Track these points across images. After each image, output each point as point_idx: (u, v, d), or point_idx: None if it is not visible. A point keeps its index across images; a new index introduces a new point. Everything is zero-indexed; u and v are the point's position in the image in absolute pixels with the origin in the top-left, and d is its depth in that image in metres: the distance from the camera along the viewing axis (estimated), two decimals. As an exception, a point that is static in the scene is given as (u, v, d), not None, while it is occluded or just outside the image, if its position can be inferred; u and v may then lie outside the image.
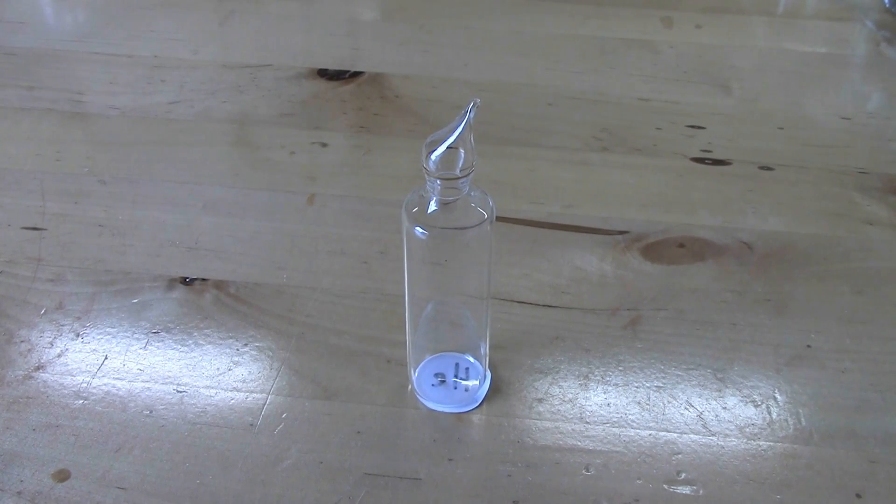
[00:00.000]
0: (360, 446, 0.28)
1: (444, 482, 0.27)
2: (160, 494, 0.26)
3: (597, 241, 0.37)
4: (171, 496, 0.26)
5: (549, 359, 0.31)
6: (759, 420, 0.29)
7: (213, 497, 0.26)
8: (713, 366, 0.31)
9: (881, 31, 0.57)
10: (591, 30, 0.56)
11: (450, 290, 0.28)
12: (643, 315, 0.33)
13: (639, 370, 0.31)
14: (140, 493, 0.26)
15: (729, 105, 0.48)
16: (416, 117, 0.46)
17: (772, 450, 0.28)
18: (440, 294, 0.28)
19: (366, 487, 0.26)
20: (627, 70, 0.51)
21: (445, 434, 0.28)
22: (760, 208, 0.39)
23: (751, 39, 0.56)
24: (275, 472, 0.27)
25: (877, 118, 0.47)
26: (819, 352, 0.32)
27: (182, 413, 0.29)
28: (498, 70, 0.51)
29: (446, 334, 0.29)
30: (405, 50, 0.53)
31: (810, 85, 0.51)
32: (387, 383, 0.30)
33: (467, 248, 0.26)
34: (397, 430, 0.28)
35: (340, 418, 0.29)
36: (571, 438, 0.28)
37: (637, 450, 0.28)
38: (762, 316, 0.33)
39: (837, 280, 0.35)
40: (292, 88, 0.48)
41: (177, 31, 0.54)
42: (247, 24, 0.56)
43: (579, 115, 0.46)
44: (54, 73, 0.49)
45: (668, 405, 0.29)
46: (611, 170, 0.42)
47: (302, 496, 0.26)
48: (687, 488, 0.27)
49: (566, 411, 0.29)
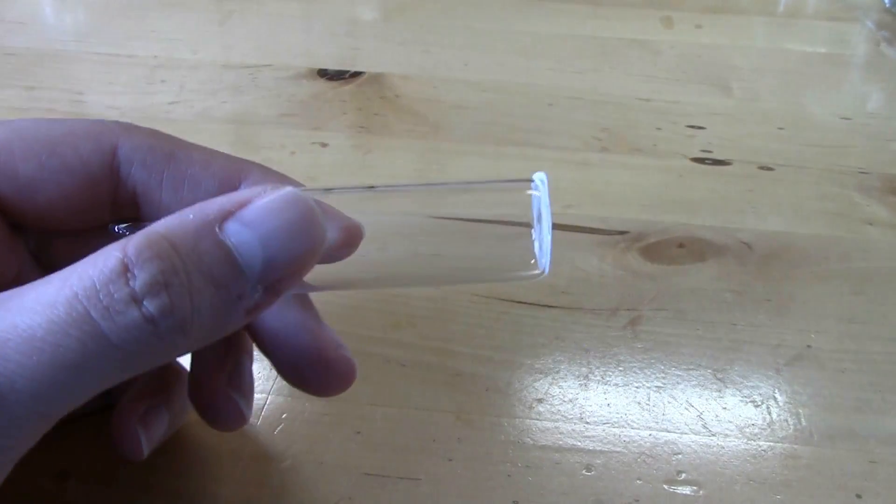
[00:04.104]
0: (360, 446, 0.28)
1: (443, 482, 0.27)
2: (159, 494, 0.26)
3: (597, 241, 0.37)
4: (171, 496, 0.26)
5: (548, 359, 0.31)
6: (759, 420, 0.29)
7: (212, 497, 0.26)
8: (713, 366, 0.31)
9: (881, 31, 0.57)
10: (591, 30, 0.56)
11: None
12: (643, 315, 0.33)
13: (639, 370, 0.31)
14: (138, 492, 0.26)
15: (729, 105, 0.48)
16: (416, 117, 0.46)
17: (772, 450, 0.28)
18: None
19: (366, 487, 0.26)
20: (627, 70, 0.51)
21: (445, 434, 0.28)
22: (760, 208, 0.39)
23: (751, 39, 0.56)
24: (275, 472, 0.27)
25: (877, 118, 0.47)
26: (819, 352, 0.32)
27: (182, 413, 0.29)
28: (498, 70, 0.51)
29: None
30: (405, 50, 0.53)
31: (810, 85, 0.51)
32: (387, 383, 0.30)
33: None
34: (397, 430, 0.28)
35: (340, 418, 0.29)
36: (571, 438, 0.28)
37: (637, 450, 0.28)
38: (762, 316, 0.33)
39: (837, 280, 0.35)
40: (292, 88, 0.48)
41: (177, 31, 0.54)
42: (247, 24, 0.56)
43: (579, 115, 0.47)
44: (54, 73, 0.49)
45: (668, 405, 0.29)
46: (611, 170, 0.42)
47: (302, 496, 0.26)
48: (687, 488, 0.27)
49: (566, 411, 0.29)
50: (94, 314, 0.16)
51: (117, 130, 0.22)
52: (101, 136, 0.22)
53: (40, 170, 0.21)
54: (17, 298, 0.17)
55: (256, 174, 0.23)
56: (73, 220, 0.22)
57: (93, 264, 0.17)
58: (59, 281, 0.17)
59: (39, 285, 0.17)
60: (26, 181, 0.21)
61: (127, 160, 0.22)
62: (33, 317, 0.16)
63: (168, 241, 0.17)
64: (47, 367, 0.16)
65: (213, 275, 0.17)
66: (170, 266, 0.17)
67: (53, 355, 0.16)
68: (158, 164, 0.22)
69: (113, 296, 0.16)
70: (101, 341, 0.16)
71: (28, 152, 0.21)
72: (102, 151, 0.22)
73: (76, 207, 0.22)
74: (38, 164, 0.21)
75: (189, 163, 0.22)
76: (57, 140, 0.21)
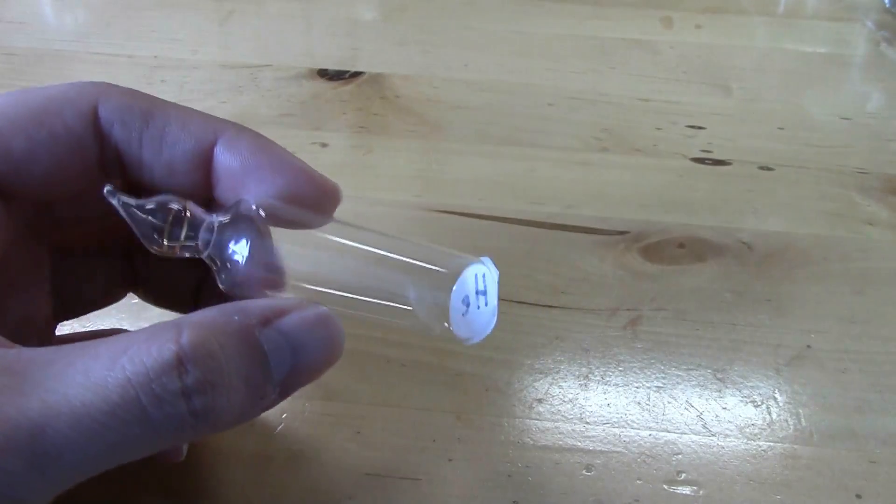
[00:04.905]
0: (360, 446, 0.28)
1: (444, 482, 0.27)
2: (159, 494, 0.26)
3: (597, 242, 0.37)
4: (171, 496, 0.26)
5: (548, 359, 0.31)
6: (759, 420, 0.29)
7: (212, 497, 0.26)
8: (713, 366, 0.31)
9: (881, 31, 0.57)
10: (591, 30, 0.56)
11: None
12: (643, 315, 0.33)
13: (639, 370, 0.31)
14: (138, 492, 0.26)
15: (729, 105, 0.48)
16: (416, 117, 0.46)
17: (772, 450, 0.28)
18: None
19: (366, 487, 0.26)
20: (627, 70, 0.51)
21: (445, 434, 0.28)
22: (760, 208, 0.39)
23: (751, 39, 0.56)
24: (275, 471, 0.27)
25: (877, 118, 0.47)
26: (819, 352, 0.32)
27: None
28: (498, 70, 0.51)
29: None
30: (405, 50, 0.53)
31: (810, 85, 0.51)
32: (387, 383, 0.30)
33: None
34: (397, 430, 0.28)
35: (340, 418, 0.29)
36: (571, 438, 0.28)
37: (637, 450, 0.28)
38: (762, 316, 0.33)
39: (837, 280, 0.35)
40: (292, 88, 0.48)
41: (177, 31, 0.54)
42: (247, 24, 0.56)
43: (579, 115, 0.46)
44: (54, 73, 0.49)
45: (668, 405, 0.29)
46: (611, 170, 0.42)
47: (302, 496, 0.26)
48: (687, 488, 0.27)
49: (566, 411, 0.29)
50: (145, 401, 0.17)
51: (94, 92, 0.22)
52: (79, 100, 0.22)
53: (30, 143, 0.21)
54: (61, 366, 0.17)
55: (231, 132, 0.23)
56: (67, 186, 0.22)
57: (147, 351, 0.17)
58: (108, 359, 0.17)
59: (85, 357, 0.17)
60: (20, 157, 0.21)
61: (107, 121, 0.22)
62: (85, 393, 0.16)
63: (217, 340, 0.18)
64: (94, 444, 0.17)
65: (248, 377, 0.18)
66: (218, 367, 0.18)
67: (101, 435, 0.17)
68: (137, 123, 0.22)
69: (166, 387, 0.17)
70: (145, 426, 0.17)
71: (15, 129, 0.21)
72: (84, 115, 0.22)
73: (69, 174, 0.22)
74: (27, 138, 0.21)
75: (166, 121, 0.22)
76: (39, 110, 0.21)
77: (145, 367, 0.17)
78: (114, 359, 0.17)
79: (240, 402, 0.18)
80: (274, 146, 0.23)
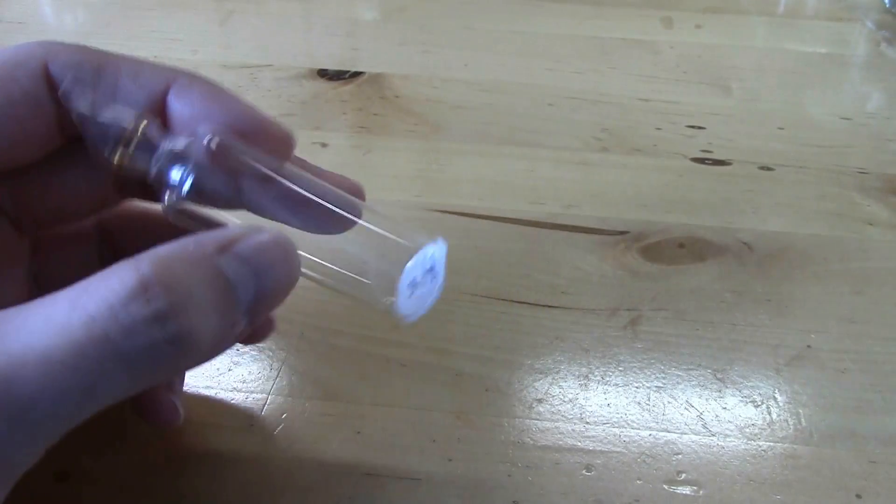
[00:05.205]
0: (360, 446, 0.28)
1: (443, 482, 0.27)
2: (159, 494, 0.26)
3: (597, 241, 0.37)
4: (171, 496, 0.26)
5: (548, 359, 0.31)
6: (759, 420, 0.29)
7: (212, 497, 0.26)
8: (713, 366, 0.31)
9: (881, 31, 0.57)
10: (591, 30, 0.56)
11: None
12: (643, 315, 0.33)
13: (639, 370, 0.31)
14: (138, 492, 0.26)
15: (729, 105, 0.48)
16: (416, 117, 0.46)
17: (772, 450, 0.28)
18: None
19: (366, 487, 0.26)
20: (627, 70, 0.51)
21: (445, 434, 0.28)
22: (760, 208, 0.39)
23: (751, 39, 0.56)
24: (275, 471, 0.27)
25: (877, 118, 0.47)
26: (819, 352, 0.32)
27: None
28: (498, 70, 0.51)
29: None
30: (405, 50, 0.53)
31: (810, 85, 0.51)
32: (387, 383, 0.30)
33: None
34: (397, 430, 0.28)
35: (340, 418, 0.29)
36: (571, 438, 0.28)
37: (637, 450, 0.28)
38: (762, 316, 0.33)
39: (837, 280, 0.35)
40: (292, 88, 0.48)
41: (177, 31, 0.54)
42: (247, 24, 0.56)
43: (579, 115, 0.47)
44: (54, 73, 0.49)
45: (668, 405, 0.29)
46: (611, 170, 0.42)
47: (302, 496, 0.26)
48: (687, 488, 0.27)
49: (566, 411, 0.29)
50: (113, 334, 0.16)
51: (42, 51, 0.22)
52: (30, 61, 0.21)
53: None
54: (22, 318, 0.17)
55: (183, 80, 0.23)
56: (32, 151, 0.22)
57: (105, 285, 0.17)
58: (66, 301, 0.17)
59: (44, 305, 0.17)
60: None
61: (59, 79, 0.22)
62: (49, 339, 0.16)
63: (180, 267, 0.17)
64: (67, 388, 0.16)
65: (216, 303, 0.18)
66: (185, 290, 0.17)
67: (73, 377, 0.16)
68: (88, 78, 0.22)
69: (133, 316, 0.16)
70: (117, 361, 0.16)
71: None
72: (36, 76, 0.21)
73: (32, 137, 0.22)
74: None
75: (117, 74, 0.22)
76: None
77: (107, 301, 0.16)
78: (74, 300, 0.17)
79: (213, 327, 0.18)
80: (225, 93, 0.23)
